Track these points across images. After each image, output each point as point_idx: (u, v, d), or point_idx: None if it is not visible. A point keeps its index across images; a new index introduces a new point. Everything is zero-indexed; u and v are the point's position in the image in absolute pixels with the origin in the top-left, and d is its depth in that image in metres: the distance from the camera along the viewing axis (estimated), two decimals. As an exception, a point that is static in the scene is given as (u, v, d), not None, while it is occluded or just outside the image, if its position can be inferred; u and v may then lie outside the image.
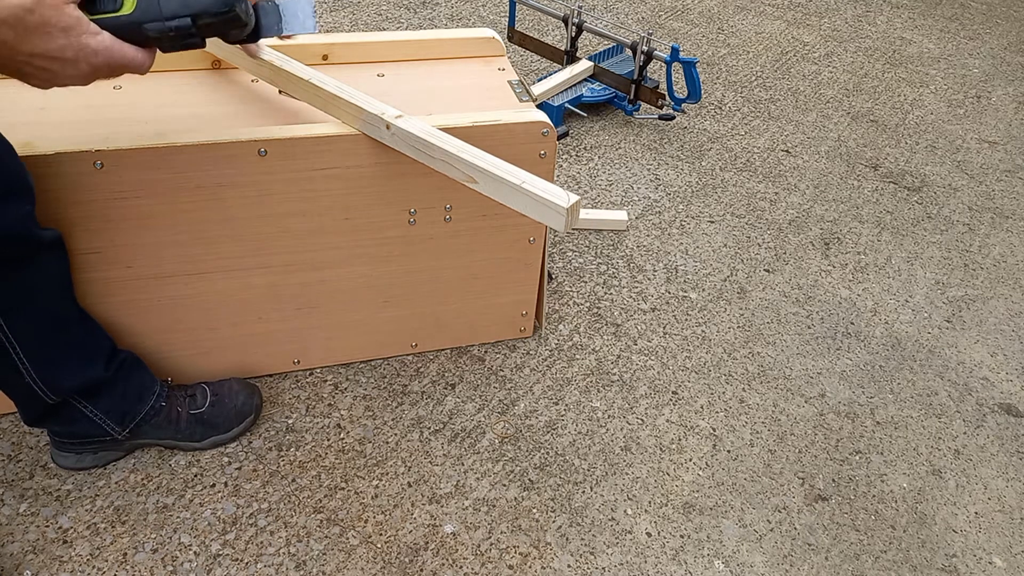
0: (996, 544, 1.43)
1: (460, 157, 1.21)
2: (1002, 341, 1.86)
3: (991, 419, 1.67)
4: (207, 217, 1.31)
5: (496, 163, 1.19)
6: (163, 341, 1.43)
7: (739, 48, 3.03)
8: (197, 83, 1.47)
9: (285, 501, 1.36)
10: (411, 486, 1.41)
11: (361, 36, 1.60)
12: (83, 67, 0.90)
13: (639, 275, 1.92)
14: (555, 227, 1.15)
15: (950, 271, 2.06)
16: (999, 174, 2.47)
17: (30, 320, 1.16)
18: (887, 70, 3.00)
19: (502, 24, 2.86)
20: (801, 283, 1.96)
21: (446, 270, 1.53)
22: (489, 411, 1.55)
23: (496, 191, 1.20)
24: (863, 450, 1.57)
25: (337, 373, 1.59)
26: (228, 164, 1.27)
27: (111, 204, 1.24)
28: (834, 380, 1.71)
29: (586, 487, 1.44)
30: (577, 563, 1.32)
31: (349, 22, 2.86)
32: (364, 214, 1.40)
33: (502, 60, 1.65)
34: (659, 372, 1.68)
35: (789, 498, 1.46)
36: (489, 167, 1.19)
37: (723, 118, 2.58)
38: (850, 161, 2.44)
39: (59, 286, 1.22)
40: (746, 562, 1.35)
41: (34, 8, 0.83)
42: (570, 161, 2.29)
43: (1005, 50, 3.26)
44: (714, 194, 2.23)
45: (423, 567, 1.29)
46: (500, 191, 1.19)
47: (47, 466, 1.38)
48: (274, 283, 1.43)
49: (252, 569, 1.27)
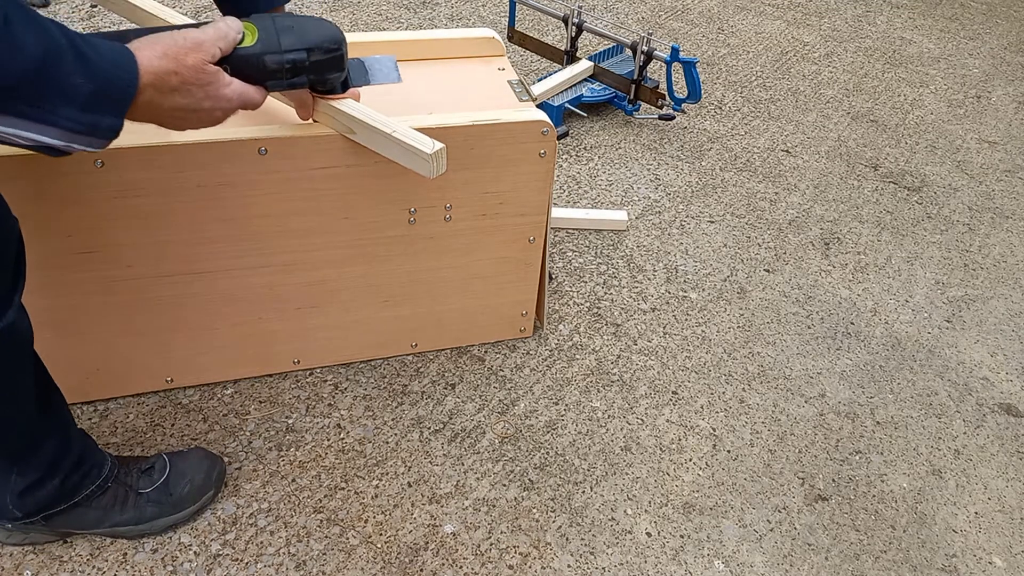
0: (996, 544, 1.43)
1: (338, 108, 1.24)
2: (1002, 341, 1.86)
3: (991, 419, 1.66)
4: (207, 217, 1.31)
5: (371, 114, 1.24)
6: (163, 341, 1.43)
7: (739, 48, 3.03)
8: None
9: (285, 501, 1.36)
10: (411, 486, 1.41)
11: (361, 36, 1.60)
12: (217, 114, 0.97)
13: (639, 275, 1.92)
14: (423, 173, 1.21)
15: (950, 271, 2.06)
16: (999, 174, 2.47)
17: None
18: (887, 70, 3.00)
19: (502, 24, 2.86)
20: (801, 283, 1.96)
21: (446, 270, 1.53)
22: (489, 411, 1.55)
23: (372, 141, 1.25)
24: (863, 450, 1.57)
25: (337, 373, 1.59)
26: (228, 163, 1.27)
27: (111, 203, 1.24)
28: (834, 380, 1.71)
29: (586, 487, 1.44)
30: (577, 563, 1.32)
31: (349, 22, 2.86)
32: (364, 214, 1.40)
33: (502, 60, 1.65)
34: (659, 372, 1.68)
35: (789, 498, 1.46)
36: (363, 117, 1.23)
37: (723, 118, 2.58)
38: (850, 161, 2.44)
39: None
40: (746, 562, 1.35)
41: (177, 70, 0.89)
42: (570, 161, 2.29)
43: (1005, 50, 3.26)
44: (714, 194, 2.22)
45: (423, 567, 1.29)
46: (375, 140, 1.25)
47: (47, 466, 1.38)
48: (274, 283, 1.43)
49: (252, 569, 1.27)
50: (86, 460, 1.20)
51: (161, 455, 1.31)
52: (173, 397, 1.51)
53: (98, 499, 1.23)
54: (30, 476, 1.15)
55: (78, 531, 1.26)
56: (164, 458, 1.30)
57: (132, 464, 1.29)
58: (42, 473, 1.15)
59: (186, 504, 1.29)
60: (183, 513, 1.29)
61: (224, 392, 1.53)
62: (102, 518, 1.24)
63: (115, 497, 1.24)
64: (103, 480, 1.22)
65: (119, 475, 1.25)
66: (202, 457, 1.33)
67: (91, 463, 1.21)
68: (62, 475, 1.17)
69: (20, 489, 1.15)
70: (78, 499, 1.20)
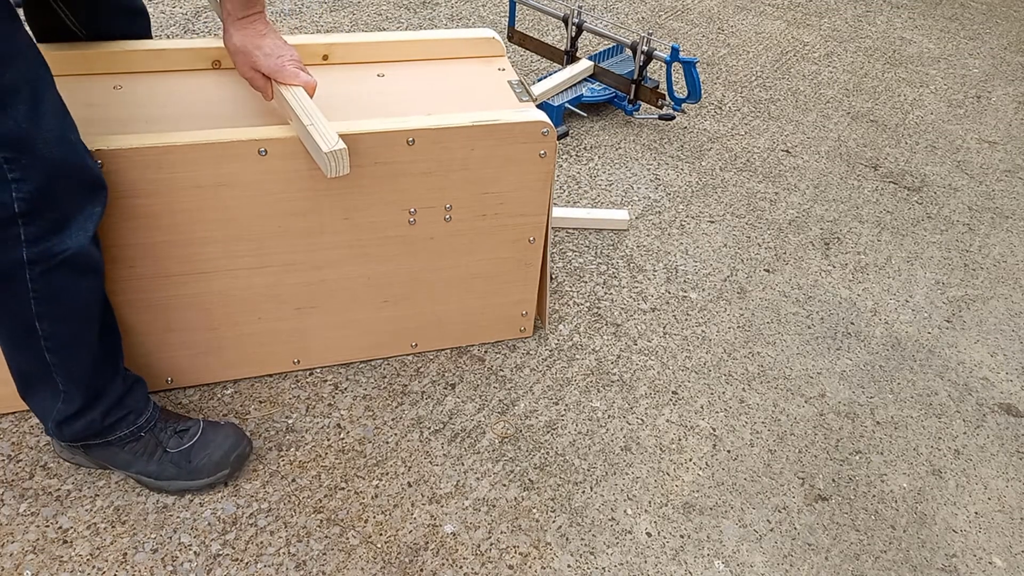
0: (996, 544, 1.43)
1: (280, 94, 1.29)
2: (1002, 341, 1.86)
3: (991, 419, 1.66)
4: (207, 217, 1.31)
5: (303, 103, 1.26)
6: (163, 341, 1.43)
7: (739, 48, 3.03)
8: (197, 83, 1.47)
9: (285, 501, 1.36)
10: (411, 486, 1.41)
11: (361, 36, 1.60)
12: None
13: (639, 275, 1.92)
14: (323, 170, 1.21)
15: (950, 271, 2.06)
16: (999, 174, 2.47)
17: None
18: (887, 70, 3.00)
19: (502, 24, 2.86)
20: (801, 283, 1.96)
21: (446, 270, 1.53)
22: (489, 411, 1.55)
23: (298, 131, 1.27)
24: (863, 450, 1.57)
25: (337, 373, 1.59)
26: (228, 164, 1.27)
27: (111, 204, 1.24)
28: (834, 380, 1.71)
29: (586, 487, 1.44)
30: (577, 563, 1.32)
31: (349, 22, 2.86)
32: (364, 214, 1.40)
33: (502, 60, 1.65)
34: (659, 372, 1.68)
35: (789, 498, 1.46)
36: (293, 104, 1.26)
37: (723, 118, 2.58)
38: (850, 161, 2.44)
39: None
40: (746, 562, 1.35)
41: None
42: (570, 161, 2.29)
43: (1005, 50, 3.26)
44: (714, 194, 2.23)
45: (423, 567, 1.29)
46: (299, 131, 1.26)
47: (47, 466, 1.38)
48: (274, 283, 1.43)
49: (252, 569, 1.27)
50: (126, 404, 1.29)
51: (199, 420, 1.38)
52: (173, 397, 1.51)
53: (131, 444, 1.31)
54: (73, 405, 1.24)
55: (111, 467, 1.35)
56: (200, 424, 1.37)
57: (172, 421, 1.37)
58: (81, 404, 1.24)
59: (201, 475, 1.34)
60: (197, 483, 1.35)
61: (224, 392, 1.53)
62: (131, 462, 1.32)
63: (145, 447, 1.32)
64: (137, 428, 1.31)
65: (155, 427, 1.33)
66: (229, 434, 1.37)
67: (130, 408, 1.30)
68: (102, 410, 1.26)
69: (60, 419, 1.25)
70: (112, 439, 1.30)
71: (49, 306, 1.14)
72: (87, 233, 1.12)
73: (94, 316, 1.22)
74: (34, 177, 1.04)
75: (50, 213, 1.08)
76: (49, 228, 1.09)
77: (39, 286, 1.11)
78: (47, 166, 1.05)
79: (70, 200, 1.10)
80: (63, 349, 1.19)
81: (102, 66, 1.43)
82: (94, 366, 1.24)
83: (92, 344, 1.22)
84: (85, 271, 1.16)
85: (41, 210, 1.07)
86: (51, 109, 1.06)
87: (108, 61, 1.43)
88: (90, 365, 1.23)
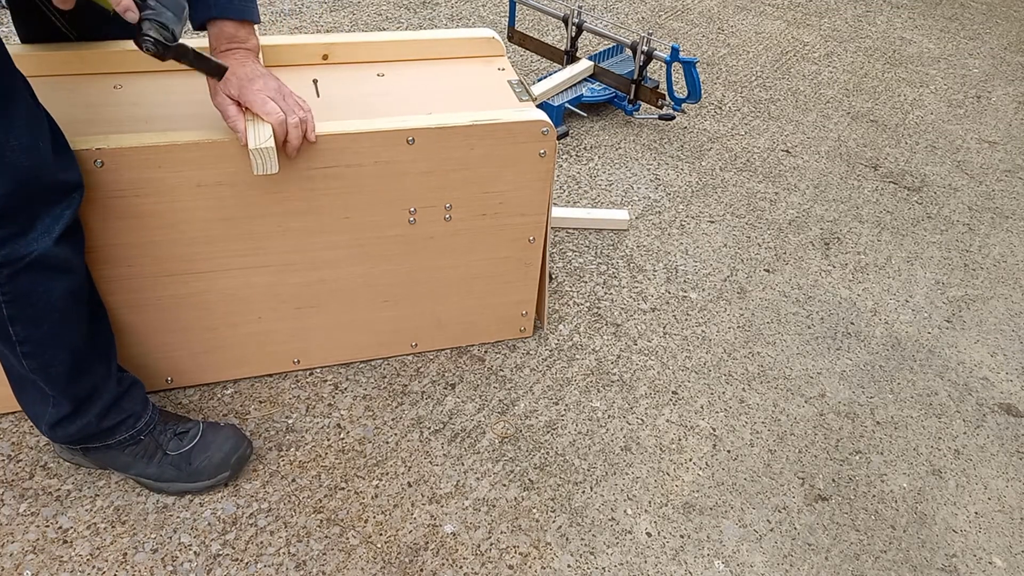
0: (996, 544, 1.43)
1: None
2: (1002, 341, 1.86)
3: (991, 419, 1.66)
4: (207, 216, 1.31)
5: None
6: (163, 341, 1.43)
7: (739, 48, 3.03)
8: (197, 83, 1.46)
9: (285, 501, 1.36)
10: (411, 486, 1.41)
11: (361, 36, 1.60)
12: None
13: (639, 275, 1.92)
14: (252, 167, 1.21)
15: (950, 271, 2.06)
16: (999, 174, 2.47)
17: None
18: (887, 70, 3.00)
19: (502, 24, 2.86)
20: (801, 283, 1.96)
21: (446, 270, 1.53)
22: (489, 411, 1.55)
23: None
24: (863, 450, 1.57)
25: (337, 373, 1.59)
26: (228, 163, 1.27)
27: (111, 203, 1.24)
28: (834, 380, 1.71)
29: (586, 487, 1.44)
30: (577, 563, 1.32)
31: (349, 22, 2.86)
32: (364, 214, 1.40)
33: (502, 60, 1.65)
34: (659, 372, 1.68)
35: (789, 498, 1.46)
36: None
37: (723, 118, 2.58)
38: (850, 161, 2.44)
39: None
40: (746, 562, 1.35)
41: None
42: (570, 161, 2.29)
43: (1005, 50, 3.26)
44: (714, 194, 2.22)
45: (423, 567, 1.29)
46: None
47: (47, 466, 1.38)
48: (274, 283, 1.43)
49: (252, 569, 1.27)
50: (123, 407, 1.29)
51: (199, 422, 1.38)
52: (173, 397, 1.51)
53: (130, 447, 1.31)
54: (63, 408, 1.23)
55: (112, 469, 1.35)
56: (200, 426, 1.37)
57: (171, 422, 1.37)
58: (72, 407, 1.23)
59: (201, 477, 1.34)
60: (197, 485, 1.35)
61: (224, 392, 1.53)
62: (130, 464, 1.32)
63: (145, 450, 1.32)
64: (137, 432, 1.31)
65: (155, 430, 1.33)
66: (229, 436, 1.37)
67: (128, 411, 1.30)
68: (97, 413, 1.25)
69: (52, 422, 1.25)
70: (111, 442, 1.30)
71: (20, 308, 1.12)
72: (51, 235, 1.10)
73: (73, 318, 1.19)
74: (0, 184, 1.03)
75: (15, 218, 1.07)
76: (15, 232, 1.07)
77: (7, 289, 1.10)
78: (16, 173, 1.03)
79: (36, 206, 1.09)
80: (42, 352, 1.17)
81: (102, 66, 1.43)
82: (80, 368, 1.22)
83: (75, 346, 1.20)
84: (55, 273, 1.14)
85: (5, 216, 1.05)
86: (23, 117, 1.04)
87: (108, 61, 1.43)
88: (74, 367, 1.21)
